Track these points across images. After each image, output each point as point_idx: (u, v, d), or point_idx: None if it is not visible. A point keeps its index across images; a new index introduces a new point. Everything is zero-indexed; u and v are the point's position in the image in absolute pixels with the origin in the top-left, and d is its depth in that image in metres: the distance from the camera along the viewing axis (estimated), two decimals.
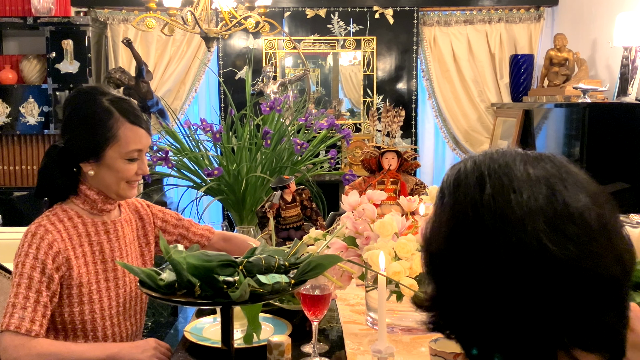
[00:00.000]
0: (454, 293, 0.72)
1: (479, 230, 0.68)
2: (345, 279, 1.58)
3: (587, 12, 3.91)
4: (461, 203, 0.71)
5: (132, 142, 1.56)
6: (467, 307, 0.70)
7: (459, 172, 0.74)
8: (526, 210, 0.66)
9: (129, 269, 1.17)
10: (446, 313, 0.75)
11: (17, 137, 4.18)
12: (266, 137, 2.47)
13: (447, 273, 0.72)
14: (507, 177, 0.69)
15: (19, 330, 1.41)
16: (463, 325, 0.73)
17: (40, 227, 1.51)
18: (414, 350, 1.51)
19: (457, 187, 0.72)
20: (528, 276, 0.65)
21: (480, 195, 0.69)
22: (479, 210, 0.69)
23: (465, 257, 0.69)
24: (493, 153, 0.74)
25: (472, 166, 0.73)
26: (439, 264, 0.74)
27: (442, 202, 0.74)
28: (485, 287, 0.68)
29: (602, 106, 3.08)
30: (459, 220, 0.71)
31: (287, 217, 2.10)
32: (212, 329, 1.61)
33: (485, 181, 0.70)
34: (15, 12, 4.09)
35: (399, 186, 2.45)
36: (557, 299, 0.65)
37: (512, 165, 0.71)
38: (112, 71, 4.01)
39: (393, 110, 2.83)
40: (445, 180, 0.76)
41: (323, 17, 4.39)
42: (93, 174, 1.56)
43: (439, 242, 0.73)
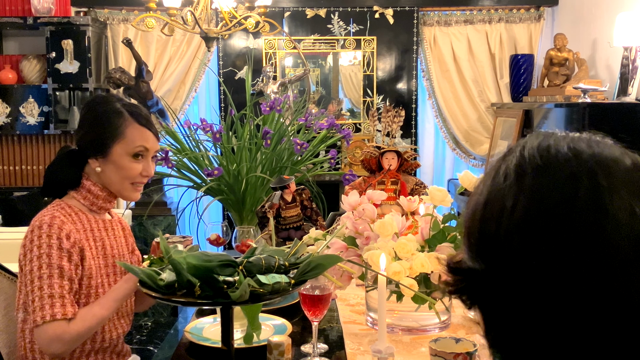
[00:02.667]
0: (506, 277, 0.64)
1: (564, 231, 0.61)
2: (345, 279, 1.58)
3: (587, 12, 3.91)
4: (550, 195, 0.62)
5: (139, 139, 1.63)
6: (515, 296, 0.63)
7: (548, 153, 0.65)
8: (622, 232, 0.60)
9: (129, 269, 1.18)
10: (484, 289, 0.67)
11: (17, 137, 4.17)
12: (266, 137, 2.47)
13: (505, 257, 0.64)
14: (606, 182, 0.62)
15: (65, 316, 1.46)
16: (500, 309, 0.66)
17: (55, 218, 1.54)
18: (414, 350, 1.51)
19: (546, 173, 0.64)
20: (597, 293, 0.60)
21: (574, 194, 0.61)
22: (572, 210, 0.61)
23: (537, 250, 0.62)
24: (592, 143, 0.66)
25: (566, 153, 0.65)
26: (497, 245, 0.65)
27: (522, 182, 0.64)
28: (547, 285, 0.61)
29: (602, 106, 3.08)
30: (543, 212, 0.62)
31: (287, 217, 2.10)
32: (212, 329, 1.61)
33: (581, 179, 0.62)
34: (15, 12, 4.09)
35: (399, 186, 2.44)
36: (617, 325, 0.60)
37: (612, 168, 0.63)
38: (112, 71, 4.00)
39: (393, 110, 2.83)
40: (527, 156, 0.66)
41: (323, 17, 4.39)
42: (100, 171, 1.62)
43: (508, 224, 0.64)
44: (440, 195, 1.69)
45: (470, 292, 0.69)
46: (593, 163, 0.63)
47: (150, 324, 3.94)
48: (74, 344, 1.49)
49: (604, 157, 0.64)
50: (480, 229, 0.67)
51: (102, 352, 1.65)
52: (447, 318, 1.62)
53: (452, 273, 0.70)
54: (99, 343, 1.62)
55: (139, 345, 3.58)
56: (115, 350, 1.69)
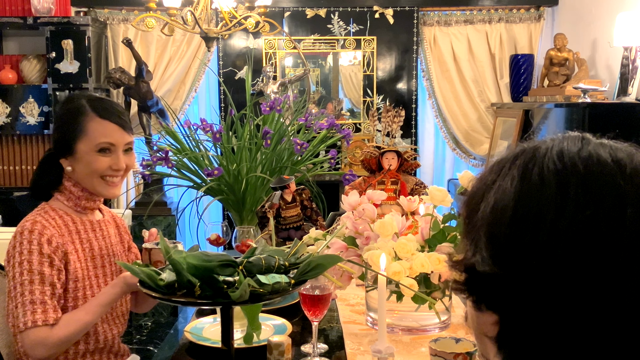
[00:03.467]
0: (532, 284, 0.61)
1: (609, 247, 0.59)
2: (345, 279, 1.58)
3: (587, 12, 3.91)
4: (597, 209, 0.60)
5: (100, 134, 1.59)
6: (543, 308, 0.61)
7: (591, 161, 0.63)
8: None
9: (129, 269, 1.18)
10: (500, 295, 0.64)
11: (17, 137, 4.17)
12: (266, 137, 2.47)
13: (538, 267, 0.61)
14: None
15: (46, 322, 1.45)
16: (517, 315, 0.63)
17: (36, 223, 1.53)
18: (414, 350, 1.51)
19: (592, 184, 0.61)
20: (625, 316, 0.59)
21: (623, 211, 0.59)
22: (619, 225, 0.59)
23: (577, 264, 0.59)
24: (630, 154, 0.64)
25: (611, 164, 0.62)
26: (530, 254, 0.62)
27: (565, 190, 0.61)
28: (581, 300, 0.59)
29: (602, 106, 3.08)
30: (589, 225, 0.60)
31: (287, 217, 2.10)
32: (212, 329, 1.61)
33: (628, 195, 0.60)
34: (15, 12, 4.08)
35: (399, 186, 2.44)
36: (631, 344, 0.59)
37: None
38: (112, 71, 4.01)
39: (393, 110, 2.83)
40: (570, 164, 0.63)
41: (323, 17, 4.39)
42: (71, 170, 1.61)
43: (547, 235, 0.61)
44: (440, 195, 1.69)
45: (484, 294, 0.66)
46: (637, 179, 0.61)
47: (150, 324, 3.94)
48: (57, 348, 1.48)
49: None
50: (510, 235, 0.63)
51: (98, 353, 1.64)
52: (447, 318, 1.62)
53: (461, 271, 0.67)
54: (92, 344, 1.61)
55: (139, 345, 3.58)
56: (112, 350, 1.69)
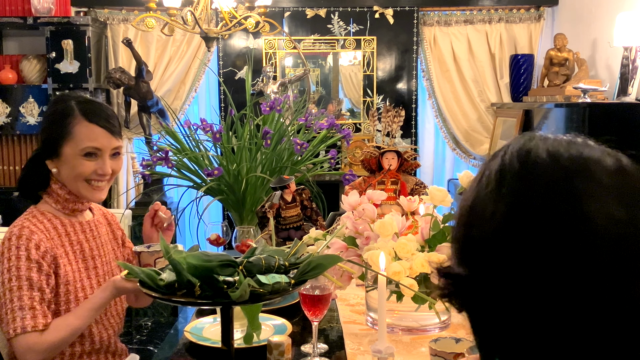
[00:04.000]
0: (489, 281, 0.65)
1: (542, 234, 0.61)
2: (345, 279, 1.58)
3: (587, 12, 3.91)
4: (528, 200, 0.63)
5: (87, 139, 1.57)
6: (499, 300, 0.64)
7: (527, 157, 0.66)
8: (601, 233, 0.61)
9: (129, 269, 1.17)
10: (471, 293, 0.68)
11: (17, 137, 4.17)
12: (266, 137, 2.47)
13: (488, 261, 0.65)
14: (583, 186, 0.62)
15: (35, 328, 1.45)
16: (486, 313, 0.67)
17: (24, 228, 1.52)
18: (414, 350, 1.51)
19: (524, 178, 0.65)
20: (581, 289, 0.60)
21: (553, 197, 0.62)
22: (549, 212, 0.62)
23: (517, 255, 0.63)
24: (571, 146, 0.67)
25: (545, 159, 0.65)
26: (480, 250, 0.66)
27: (501, 190, 0.65)
28: (530, 286, 0.62)
29: (602, 106, 3.08)
30: (521, 221, 0.63)
31: (287, 217, 2.10)
32: (212, 329, 1.61)
33: (559, 187, 0.62)
34: (15, 12, 4.08)
35: (399, 186, 2.44)
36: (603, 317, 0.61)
37: (591, 172, 0.63)
38: (112, 71, 4.00)
39: (393, 110, 2.83)
40: (508, 163, 0.67)
41: (323, 17, 4.39)
42: (56, 172, 1.60)
43: (489, 230, 0.65)
44: (440, 195, 1.69)
45: (459, 297, 0.70)
46: (571, 166, 0.64)
47: (150, 324, 3.94)
48: (48, 354, 1.47)
49: (583, 160, 0.65)
50: (464, 235, 0.69)
51: (95, 354, 1.64)
52: (447, 318, 1.62)
53: (442, 277, 0.71)
54: (88, 345, 1.61)
55: (139, 345, 3.58)
56: (109, 350, 1.69)
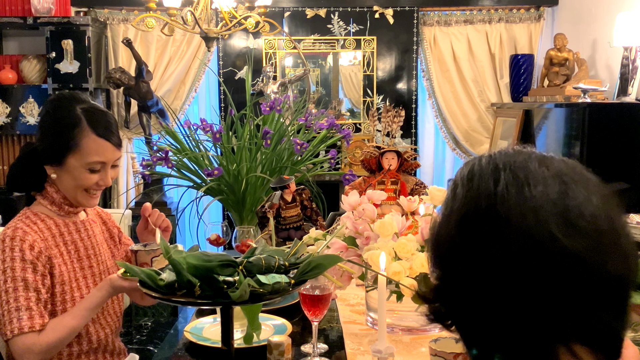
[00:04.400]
0: (459, 281, 0.72)
1: (490, 219, 0.69)
2: (345, 279, 1.58)
3: (587, 12, 3.91)
4: (474, 192, 0.72)
5: (95, 153, 1.56)
6: (470, 297, 0.71)
7: (473, 166, 0.76)
8: (539, 203, 0.67)
9: (129, 269, 1.17)
10: (449, 302, 0.75)
11: (17, 137, 4.17)
12: (266, 137, 2.47)
13: (452, 261, 0.73)
14: (522, 172, 0.70)
15: (33, 329, 1.45)
16: (466, 315, 0.73)
17: (18, 230, 1.52)
18: (414, 350, 1.51)
19: (471, 179, 0.73)
20: (535, 266, 0.66)
21: (495, 187, 0.70)
22: (492, 199, 0.69)
23: (473, 246, 0.70)
24: (508, 151, 0.76)
25: (487, 160, 0.75)
26: (445, 252, 0.74)
27: (455, 192, 0.75)
28: (492, 276, 0.68)
29: (602, 106, 3.08)
30: (470, 209, 0.71)
31: (287, 217, 2.09)
32: (212, 329, 1.61)
33: (499, 174, 0.71)
34: (15, 12, 4.08)
35: (399, 186, 2.44)
36: (562, 291, 0.66)
37: (528, 162, 0.72)
38: (112, 71, 4.00)
39: (393, 110, 2.83)
40: (458, 174, 0.77)
41: (323, 17, 4.39)
42: (55, 178, 1.58)
43: (449, 230, 0.74)
44: (440, 195, 1.69)
45: (444, 310, 0.76)
46: (510, 160, 0.73)
47: (150, 324, 3.94)
48: (46, 354, 1.47)
49: (521, 157, 0.73)
50: (433, 241, 0.77)
51: (93, 354, 1.64)
52: None
53: (428, 302, 0.78)
54: (86, 345, 1.61)
55: (139, 345, 3.58)
56: (107, 349, 1.68)
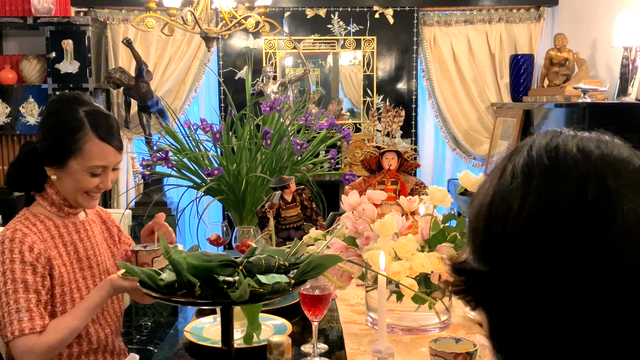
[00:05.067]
0: (510, 278, 0.64)
1: (571, 233, 0.60)
2: (345, 279, 1.58)
3: (587, 12, 3.91)
4: (558, 196, 0.61)
5: (97, 158, 1.56)
6: (520, 299, 0.63)
7: (557, 154, 0.64)
8: (630, 233, 0.60)
9: (129, 269, 1.17)
10: (489, 291, 0.66)
11: (17, 137, 4.17)
12: (266, 137, 2.47)
13: (510, 258, 0.64)
14: (615, 184, 0.61)
15: (33, 330, 1.45)
16: (505, 311, 0.65)
17: (17, 231, 1.51)
18: (414, 350, 1.51)
19: (554, 175, 0.63)
20: (602, 296, 0.59)
21: (583, 197, 0.61)
22: (579, 213, 0.60)
23: (542, 251, 0.61)
24: (601, 143, 0.65)
25: (575, 154, 0.64)
26: (503, 246, 0.64)
27: (530, 182, 0.63)
28: (551, 287, 0.61)
29: (602, 106, 3.08)
30: (550, 213, 0.61)
31: (287, 217, 2.09)
32: (212, 329, 1.61)
33: (590, 181, 0.61)
34: (15, 12, 4.08)
35: (399, 186, 2.44)
36: (616, 329, 0.60)
37: (622, 170, 0.62)
38: (112, 71, 4.00)
39: (393, 110, 2.82)
40: (535, 157, 0.65)
41: (323, 17, 4.39)
42: (56, 179, 1.58)
43: (514, 225, 0.63)
44: (440, 195, 1.69)
45: (475, 294, 0.69)
46: (601, 164, 0.63)
47: (150, 324, 3.94)
48: (47, 355, 1.47)
49: (613, 158, 0.63)
50: (485, 230, 0.67)
51: (93, 354, 1.64)
52: (447, 318, 1.62)
53: (457, 273, 0.69)
54: (86, 345, 1.61)
55: (139, 345, 3.58)
56: (107, 350, 1.68)
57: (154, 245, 1.61)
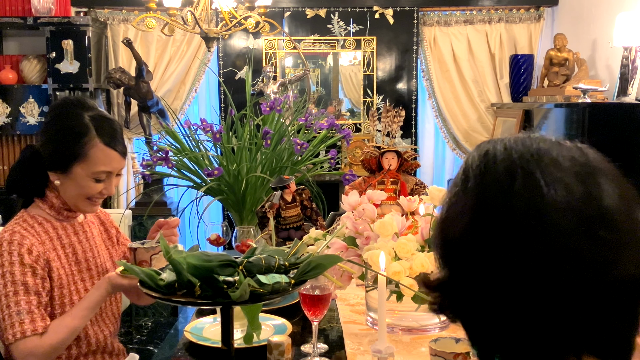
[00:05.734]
0: (468, 280, 0.69)
1: (507, 222, 0.65)
2: (345, 279, 1.58)
3: (587, 12, 3.91)
4: (490, 191, 0.67)
5: (102, 163, 1.55)
6: (480, 297, 0.68)
7: (486, 156, 0.70)
8: (560, 208, 0.64)
9: (129, 269, 1.17)
10: (456, 299, 0.71)
11: (17, 137, 4.17)
12: (266, 137, 2.47)
13: (463, 260, 0.69)
14: (539, 169, 0.66)
15: (35, 332, 1.45)
16: (472, 314, 0.70)
17: (15, 233, 1.51)
18: (414, 350, 1.51)
19: (485, 173, 0.69)
20: (552, 272, 0.63)
21: (511, 186, 0.66)
22: (510, 201, 0.65)
23: (487, 247, 0.66)
24: (525, 139, 0.71)
25: (502, 152, 0.70)
26: (456, 250, 0.70)
27: (467, 186, 0.70)
28: (504, 279, 0.65)
29: (602, 106, 3.08)
30: (485, 209, 0.67)
31: (287, 217, 2.10)
32: (212, 329, 1.61)
33: (516, 171, 0.67)
34: (15, 12, 4.08)
35: (399, 186, 2.44)
36: (576, 300, 0.63)
37: (545, 156, 0.68)
38: (112, 71, 4.00)
39: (393, 110, 2.83)
40: (470, 163, 0.72)
41: (323, 17, 4.39)
42: (59, 184, 1.57)
43: (460, 228, 0.69)
44: (440, 195, 1.69)
45: (448, 305, 0.74)
46: (526, 155, 0.68)
47: (150, 324, 3.94)
48: (49, 356, 1.47)
49: (535, 149, 0.69)
50: (442, 236, 0.73)
51: (92, 355, 1.63)
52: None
53: (431, 290, 0.75)
54: (85, 347, 1.61)
55: (139, 345, 3.58)
56: (106, 351, 1.68)
57: (151, 242, 1.61)
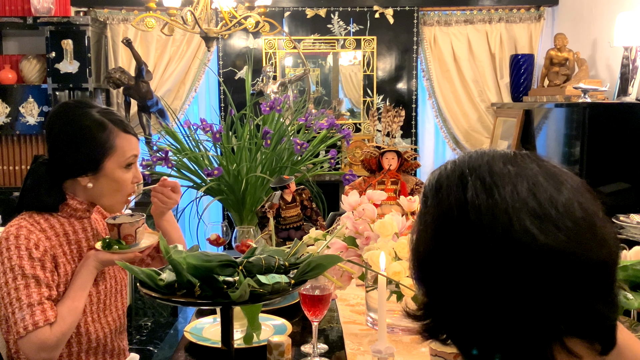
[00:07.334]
0: (445, 295, 0.72)
1: (465, 228, 0.68)
2: (345, 279, 1.58)
3: (587, 12, 3.91)
4: (445, 203, 0.71)
5: (129, 149, 1.60)
6: (460, 308, 0.70)
7: (439, 175, 0.75)
8: (510, 203, 0.67)
9: (129, 269, 1.17)
10: (440, 317, 0.75)
11: (16, 137, 4.17)
12: (266, 137, 2.47)
13: (436, 275, 0.72)
14: (488, 174, 0.70)
15: (48, 321, 1.44)
16: (458, 327, 0.72)
17: (22, 228, 1.50)
18: (414, 350, 1.51)
19: (440, 189, 0.73)
20: (517, 266, 0.66)
21: (463, 193, 0.70)
22: (464, 207, 0.69)
23: (453, 256, 0.69)
24: (472, 153, 0.75)
25: (452, 167, 0.74)
26: (427, 266, 0.74)
27: (426, 205, 0.75)
28: (476, 284, 0.68)
29: (602, 106, 3.08)
30: (444, 220, 0.71)
31: (287, 217, 2.09)
32: (212, 329, 1.61)
33: (466, 179, 0.71)
34: (15, 12, 4.08)
35: (399, 186, 2.44)
36: (548, 287, 0.65)
37: (492, 163, 0.72)
38: (112, 71, 4.00)
39: (393, 110, 2.83)
40: (427, 185, 0.77)
41: (323, 17, 4.39)
42: (91, 186, 1.57)
43: (426, 244, 0.73)
44: None
45: (435, 324, 0.76)
46: (475, 164, 0.73)
47: (150, 324, 3.94)
48: (59, 345, 1.47)
49: (485, 160, 0.73)
50: (414, 259, 0.76)
51: (93, 354, 1.63)
52: None
53: (417, 320, 0.78)
54: (85, 344, 1.60)
55: (139, 345, 3.58)
56: (107, 349, 1.67)
57: (135, 215, 1.59)
